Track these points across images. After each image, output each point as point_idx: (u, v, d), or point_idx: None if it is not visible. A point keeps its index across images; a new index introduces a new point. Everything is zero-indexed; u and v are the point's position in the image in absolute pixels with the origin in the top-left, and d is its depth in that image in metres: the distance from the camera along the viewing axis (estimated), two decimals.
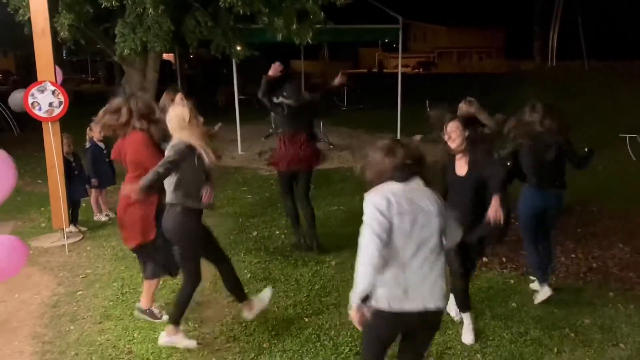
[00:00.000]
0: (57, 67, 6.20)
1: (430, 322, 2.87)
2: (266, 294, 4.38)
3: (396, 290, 2.71)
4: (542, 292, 4.60)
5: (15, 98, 6.48)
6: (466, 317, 4.13)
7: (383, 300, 2.71)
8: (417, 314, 2.74)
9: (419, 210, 2.73)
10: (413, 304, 2.72)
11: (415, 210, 2.72)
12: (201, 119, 3.93)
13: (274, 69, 5.76)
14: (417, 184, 2.81)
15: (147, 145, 4.22)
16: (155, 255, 4.36)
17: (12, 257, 3.88)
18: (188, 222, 3.89)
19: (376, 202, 2.70)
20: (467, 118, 4.18)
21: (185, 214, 3.86)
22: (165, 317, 4.39)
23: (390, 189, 2.75)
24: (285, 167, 5.78)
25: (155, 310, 4.50)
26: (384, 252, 2.63)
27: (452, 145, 3.97)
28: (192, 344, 4.05)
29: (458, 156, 4.02)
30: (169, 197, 3.87)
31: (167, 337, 4.05)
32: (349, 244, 2.89)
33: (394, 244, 2.69)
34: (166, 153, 3.85)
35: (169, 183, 3.83)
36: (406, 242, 2.71)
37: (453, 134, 3.96)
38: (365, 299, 2.69)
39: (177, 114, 3.86)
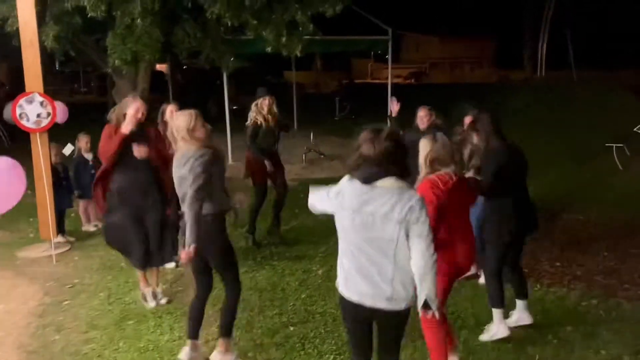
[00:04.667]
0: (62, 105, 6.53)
1: (381, 319, 2.88)
2: None
3: (340, 274, 2.90)
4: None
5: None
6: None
7: (339, 282, 2.93)
8: (362, 307, 2.82)
9: (363, 211, 2.75)
10: (351, 294, 2.84)
11: (358, 209, 2.75)
12: (208, 127, 3.81)
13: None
14: (383, 183, 2.75)
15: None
16: (130, 247, 4.84)
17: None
18: (219, 230, 3.81)
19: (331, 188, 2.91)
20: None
21: (216, 222, 3.77)
22: (153, 304, 4.88)
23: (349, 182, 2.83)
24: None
25: (147, 293, 4.95)
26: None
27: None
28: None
29: None
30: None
31: (220, 356, 3.92)
32: (336, 253, 2.92)
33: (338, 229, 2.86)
34: (190, 166, 3.61)
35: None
36: (346, 234, 2.82)
37: None
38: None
39: (183, 123, 3.69)
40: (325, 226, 7.22)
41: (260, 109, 6.28)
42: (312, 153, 12.00)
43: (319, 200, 3.00)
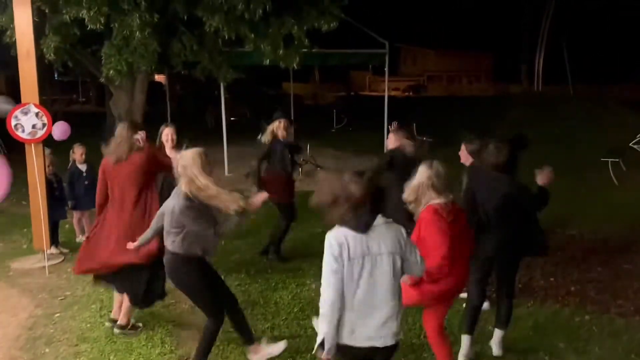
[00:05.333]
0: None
1: (383, 355, 2.89)
2: (279, 345, 4.20)
3: (343, 328, 2.79)
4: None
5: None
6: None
7: (342, 336, 2.81)
8: (373, 350, 2.83)
9: (371, 253, 2.75)
10: (361, 342, 2.79)
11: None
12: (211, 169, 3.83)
13: None
14: (377, 222, 2.80)
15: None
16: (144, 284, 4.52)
17: None
18: (185, 270, 3.80)
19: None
20: None
21: (182, 262, 3.78)
22: (140, 324, 4.72)
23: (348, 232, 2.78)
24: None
25: (138, 324, 4.70)
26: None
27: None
28: None
29: None
30: (171, 245, 3.78)
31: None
32: None
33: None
34: (182, 213, 3.68)
35: (171, 232, 3.75)
36: (352, 284, 2.74)
37: None
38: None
39: (190, 161, 3.72)
40: (320, 240, 7.22)
41: (276, 131, 6.31)
42: (308, 165, 12.00)
43: (330, 275, 2.75)
